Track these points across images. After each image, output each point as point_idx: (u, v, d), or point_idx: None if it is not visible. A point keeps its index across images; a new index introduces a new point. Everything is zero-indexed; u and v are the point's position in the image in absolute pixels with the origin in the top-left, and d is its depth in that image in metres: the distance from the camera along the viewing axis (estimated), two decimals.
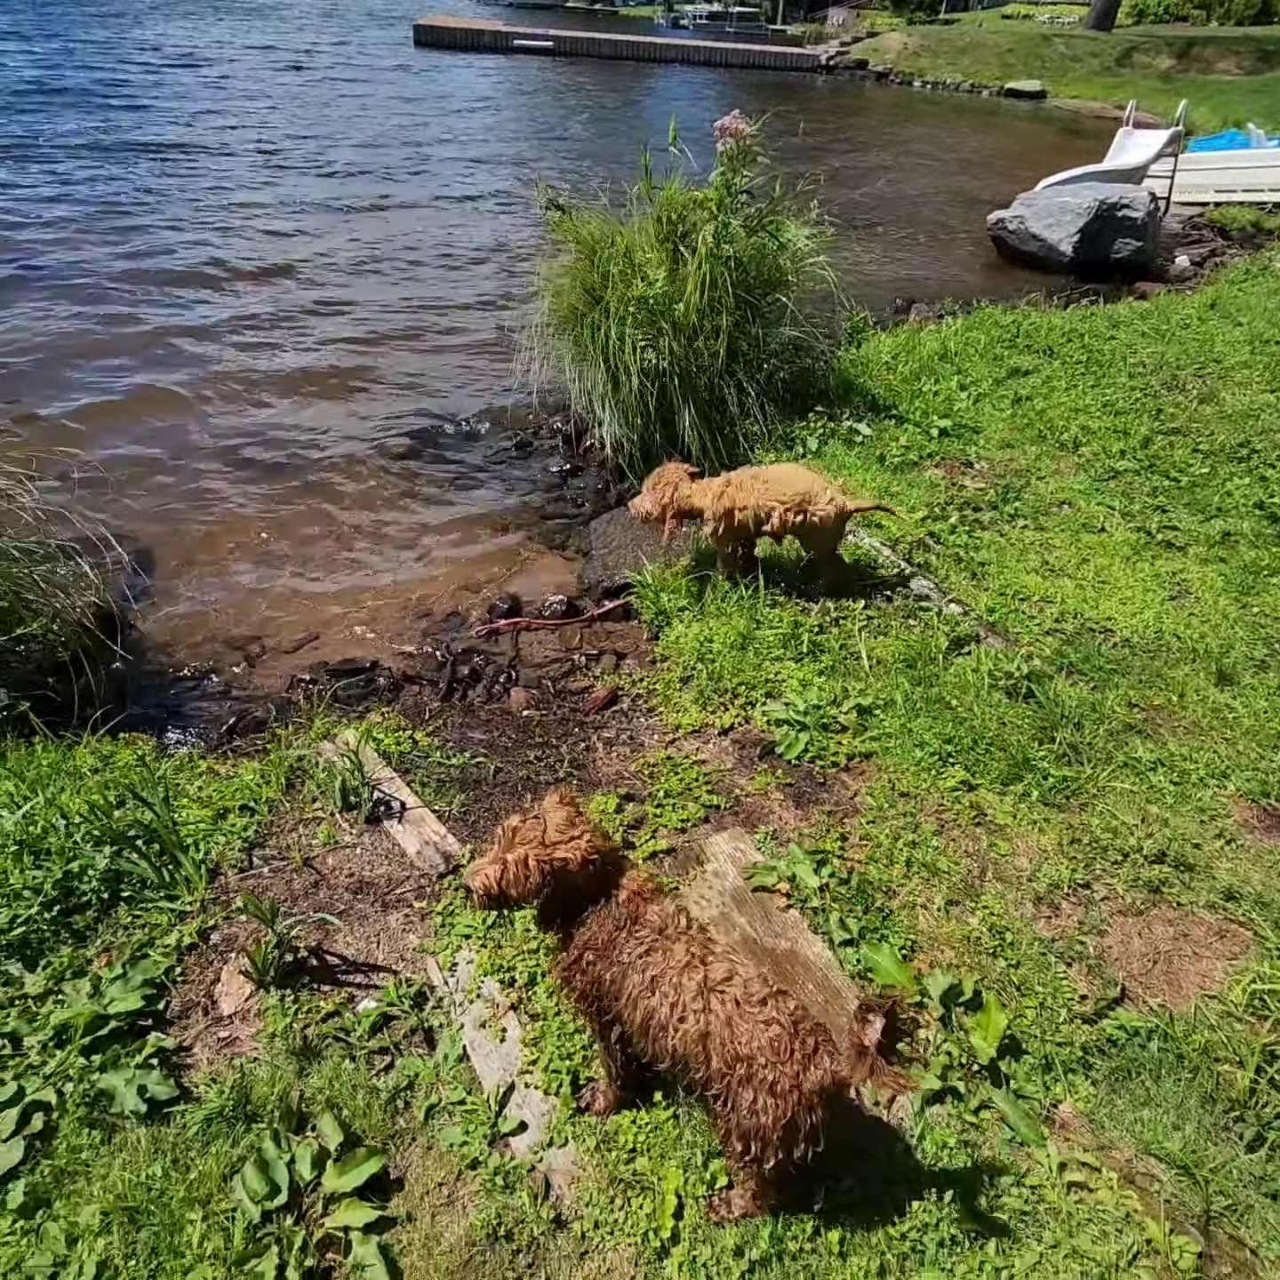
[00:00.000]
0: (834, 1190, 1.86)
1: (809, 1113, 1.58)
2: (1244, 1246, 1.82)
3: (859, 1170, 1.90)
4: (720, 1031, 1.62)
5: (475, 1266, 1.77)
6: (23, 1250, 1.75)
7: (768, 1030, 1.59)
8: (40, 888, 2.39)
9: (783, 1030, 1.59)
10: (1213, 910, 2.56)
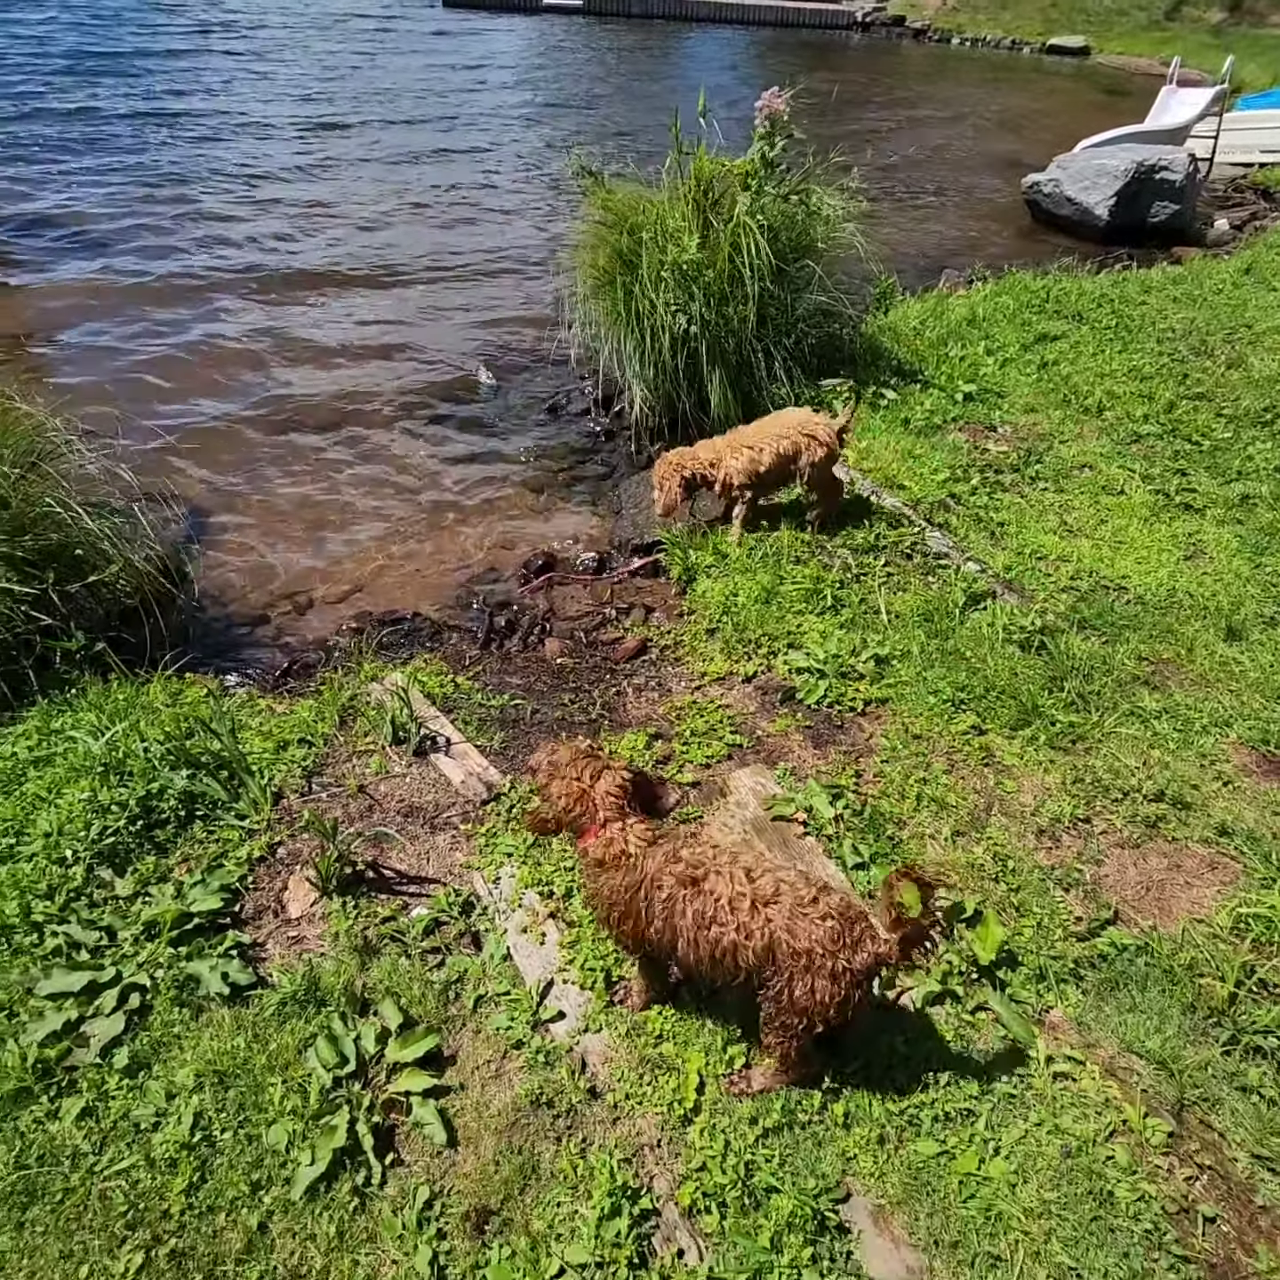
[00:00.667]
0: (841, 1073, 2.07)
1: (856, 989, 1.79)
2: (1212, 1130, 2.01)
3: (865, 1057, 2.11)
4: (783, 937, 1.82)
5: (521, 1127, 2.01)
6: (129, 1103, 2.02)
7: (823, 925, 1.79)
8: (125, 804, 2.64)
9: (835, 922, 1.80)
10: (1206, 845, 2.72)
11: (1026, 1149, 1.95)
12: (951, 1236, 1.82)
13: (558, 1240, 1.82)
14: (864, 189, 5.51)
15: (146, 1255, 1.79)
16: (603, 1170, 1.91)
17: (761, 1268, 1.75)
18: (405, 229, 8.84)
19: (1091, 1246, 1.80)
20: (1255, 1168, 1.95)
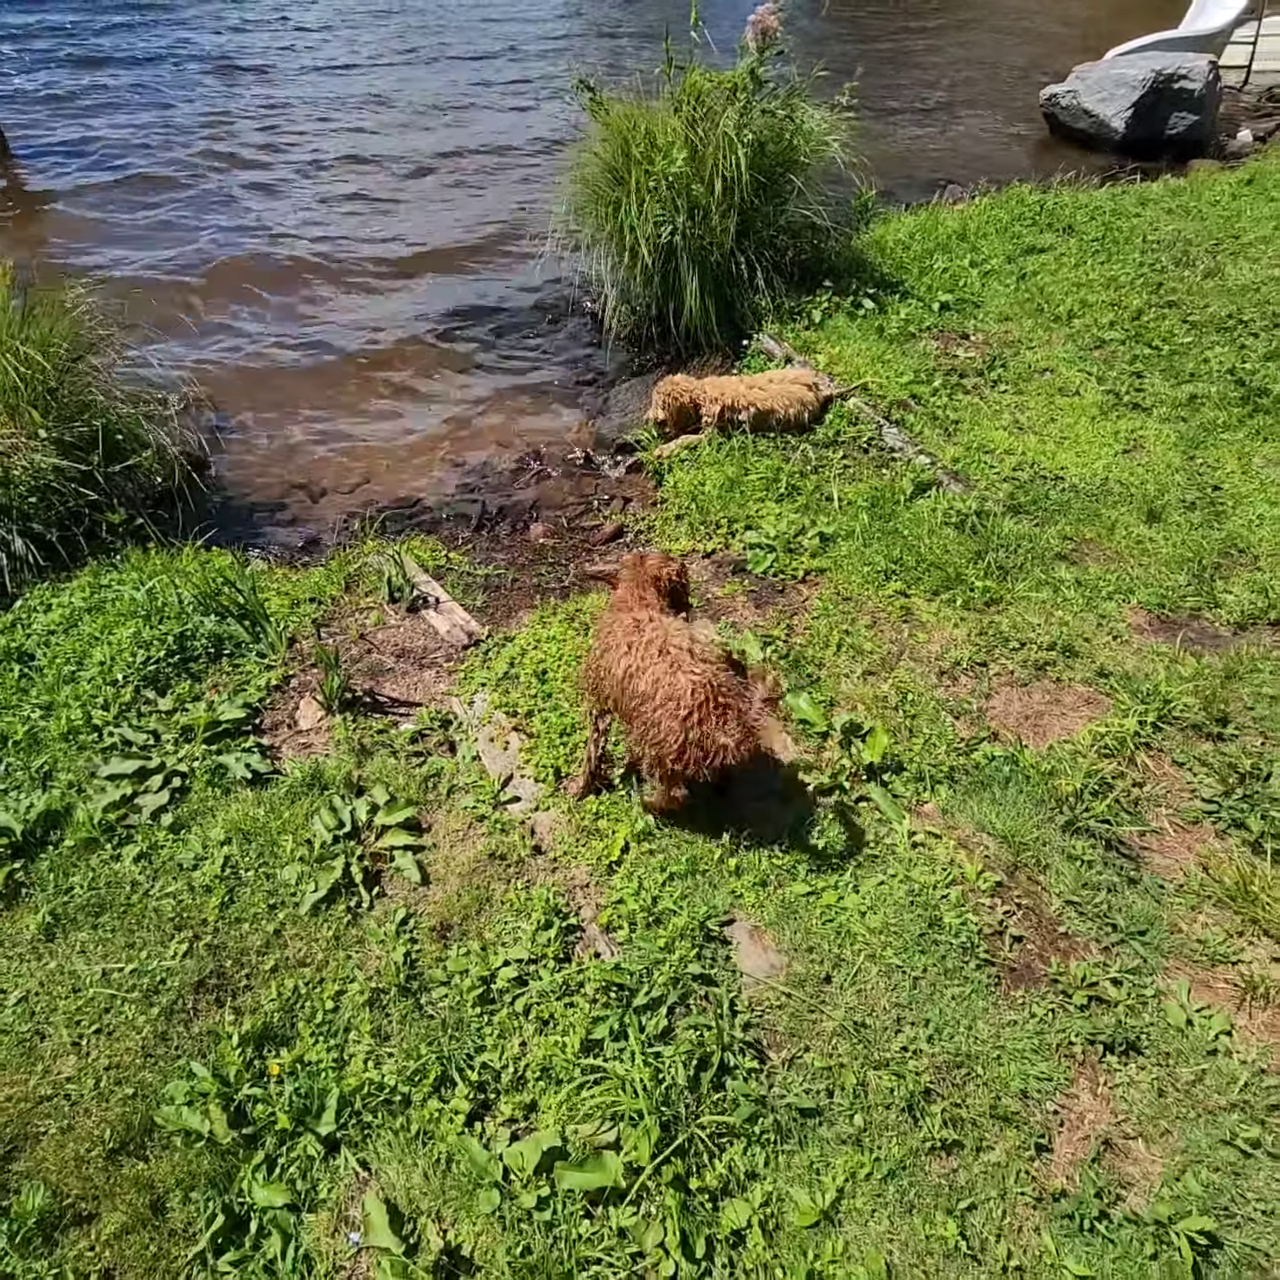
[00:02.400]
0: (738, 836, 2.56)
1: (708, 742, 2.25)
2: (1037, 884, 2.48)
3: (758, 829, 2.59)
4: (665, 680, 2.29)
5: (479, 872, 2.53)
6: (174, 850, 2.57)
7: (691, 676, 2.26)
8: (164, 640, 3.16)
9: (701, 679, 2.25)
10: (1086, 685, 3.14)
11: (879, 891, 2.43)
12: (808, 945, 2.32)
13: (502, 945, 2.35)
14: (883, 100, 5.66)
15: (190, 945, 2.35)
16: (541, 899, 2.42)
17: (657, 961, 2.26)
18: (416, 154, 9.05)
19: (917, 952, 2.29)
20: (1065, 909, 2.42)
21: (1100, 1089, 2.08)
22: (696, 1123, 2.00)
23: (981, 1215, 1.89)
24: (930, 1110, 2.02)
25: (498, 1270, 1.83)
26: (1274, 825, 2.60)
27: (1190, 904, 2.45)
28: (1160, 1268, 1.80)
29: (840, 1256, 1.83)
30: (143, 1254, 1.87)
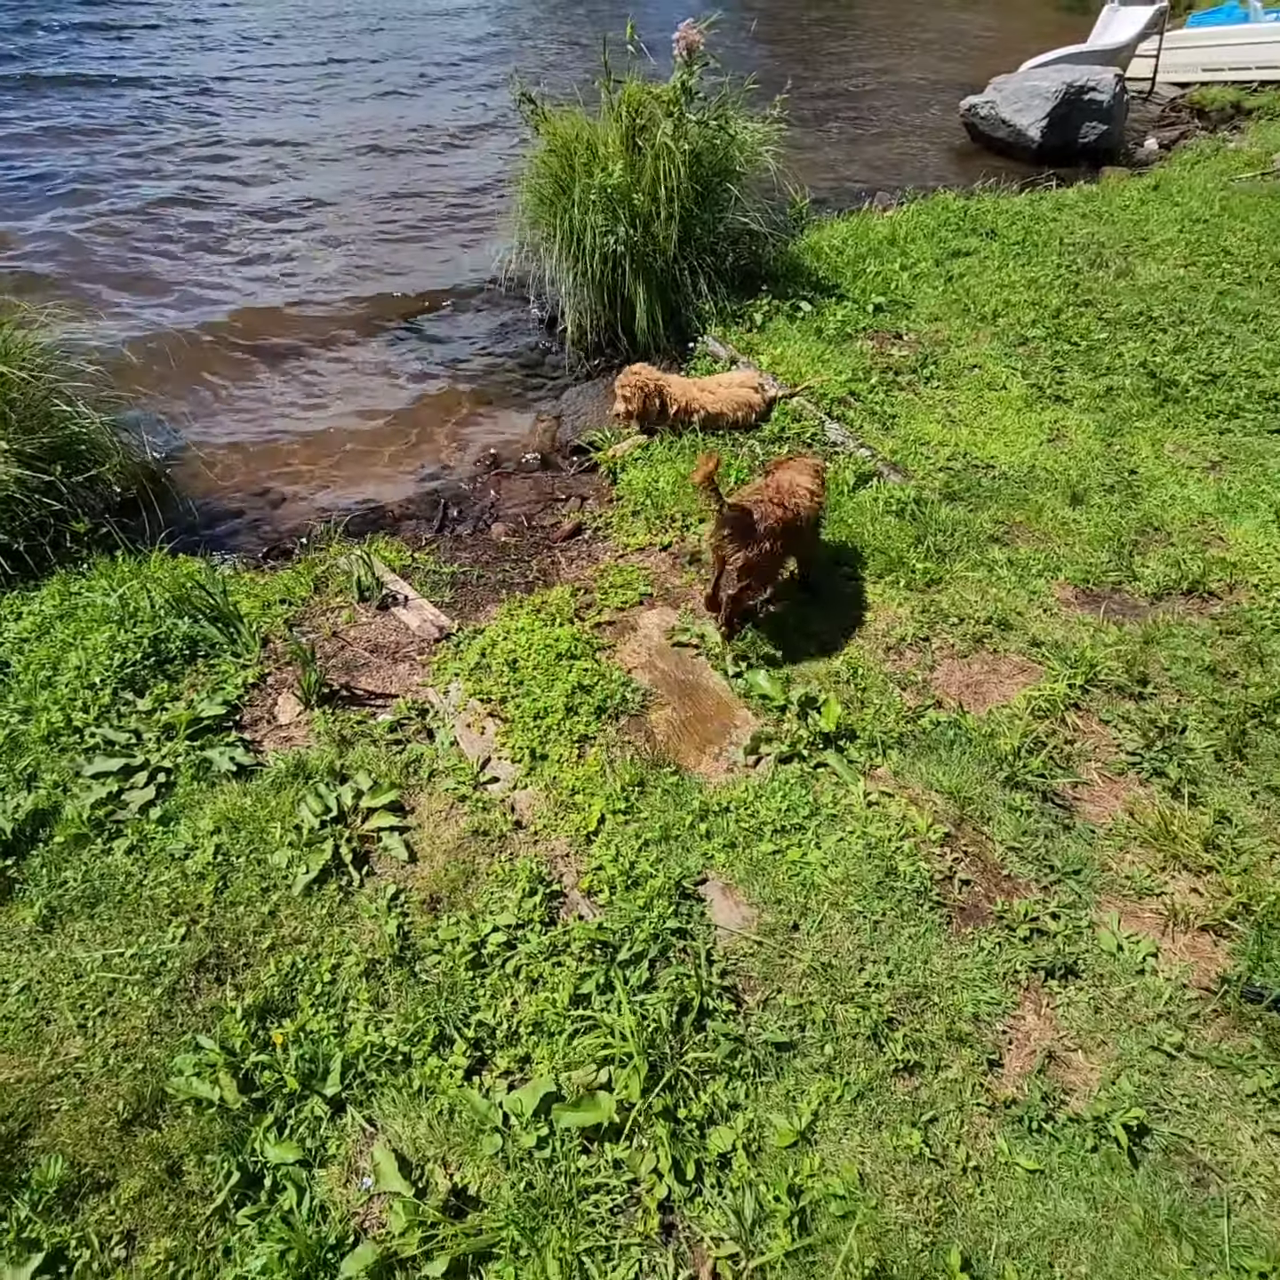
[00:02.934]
0: (706, 807, 2.73)
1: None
2: (981, 834, 2.70)
3: (725, 795, 2.77)
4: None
5: (464, 848, 2.67)
6: (165, 841, 2.65)
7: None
8: (140, 643, 3.23)
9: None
10: (1021, 654, 3.39)
11: (839, 846, 2.63)
12: (777, 897, 2.51)
13: (490, 913, 2.49)
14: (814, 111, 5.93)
15: (188, 929, 2.44)
16: (524, 869, 2.57)
17: (637, 919, 2.43)
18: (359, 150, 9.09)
19: (875, 899, 2.49)
20: (1008, 854, 2.64)
21: (1043, 1010, 2.30)
22: (681, 1061, 2.16)
23: (942, 1125, 2.08)
24: (893, 1037, 2.21)
25: (504, 1204, 1.97)
26: (1190, 772, 2.86)
27: (1118, 845, 2.69)
28: (1100, 1158, 2.01)
29: (818, 1170, 2.01)
30: (163, 1214, 1.97)
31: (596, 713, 3.09)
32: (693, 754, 2.98)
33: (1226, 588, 3.61)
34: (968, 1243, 1.90)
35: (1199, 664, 3.23)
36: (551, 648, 3.32)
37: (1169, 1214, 1.93)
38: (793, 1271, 1.87)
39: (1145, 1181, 1.98)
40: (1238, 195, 7.53)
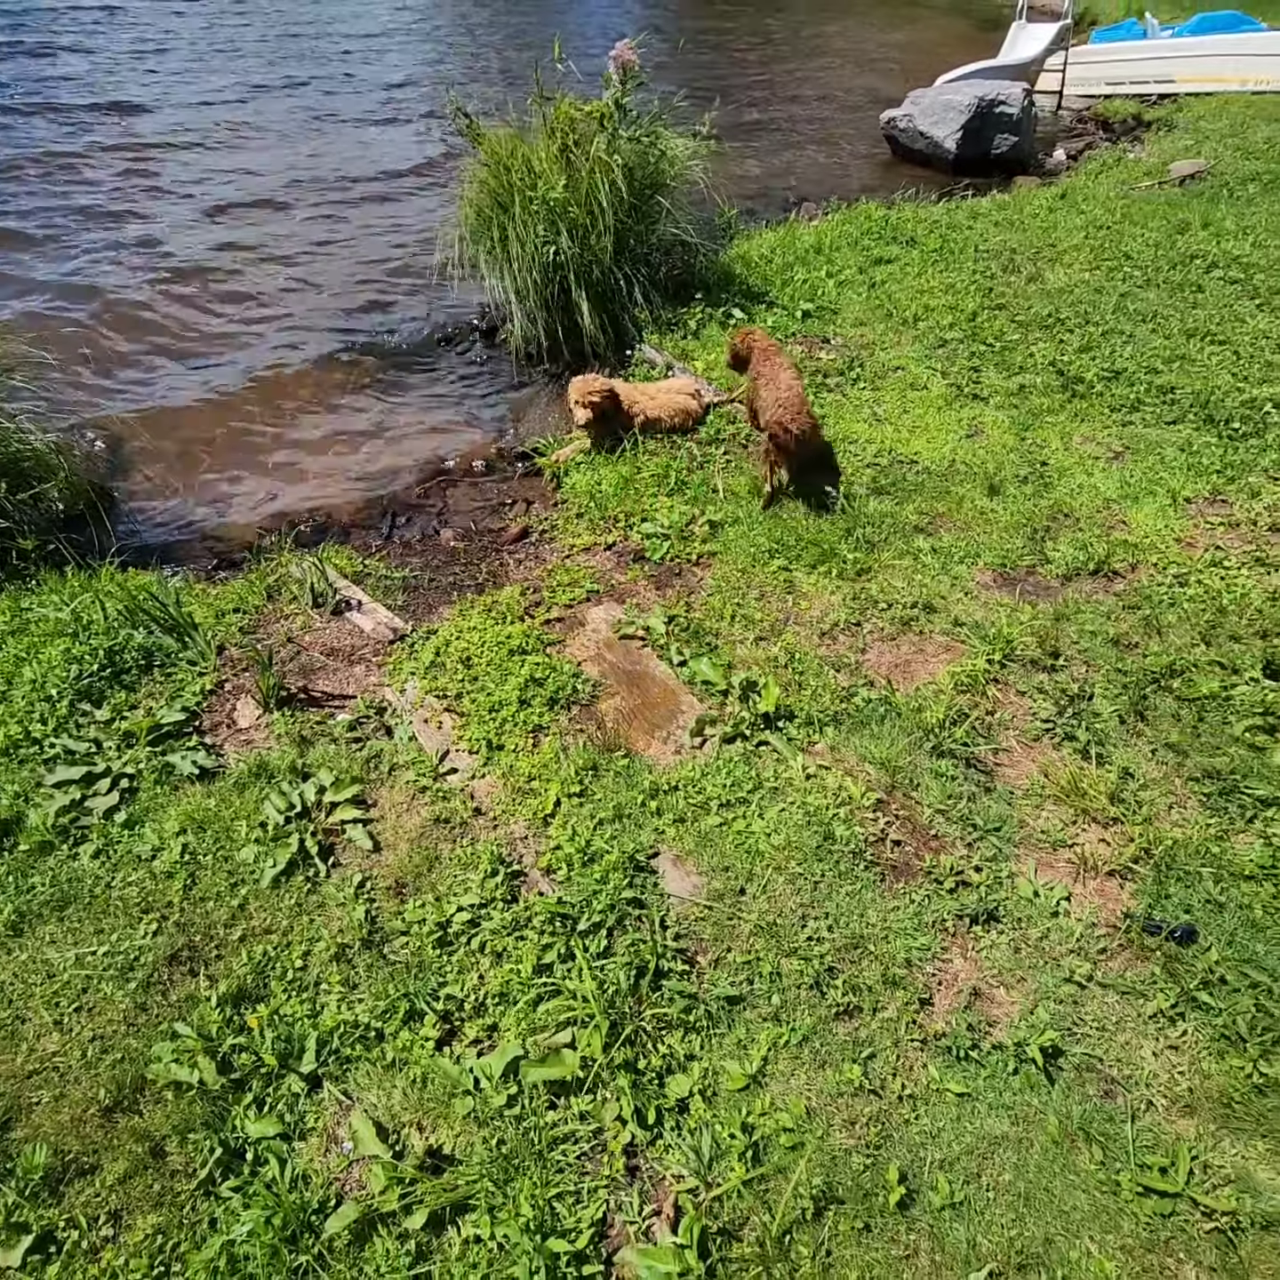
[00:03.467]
0: (656, 785, 2.90)
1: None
2: (911, 799, 2.92)
3: (673, 775, 2.94)
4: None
5: (427, 836, 2.79)
6: (131, 844, 2.72)
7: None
8: (95, 654, 3.28)
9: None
10: (945, 635, 3.62)
11: (781, 816, 2.82)
12: (724, 865, 2.68)
13: (454, 895, 2.61)
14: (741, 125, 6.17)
15: (159, 925, 2.52)
16: (486, 852, 2.70)
17: (595, 892, 2.58)
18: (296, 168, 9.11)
19: (815, 861, 2.68)
20: (935, 816, 2.86)
21: (969, 953, 2.51)
22: (640, 1019, 2.32)
23: (880, 1060, 2.27)
24: (834, 984, 2.40)
25: (477, 1159, 2.10)
26: (1097, 735, 3.12)
27: (1034, 803, 2.93)
28: (1020, 1079, 2.22)
29: (769, 1108, 2.18)
30: (148, 1192, 2.06)
31: (549, 704, 3.24)
32: (642, 738, 3.14)
33: (1129, 567, 3.90)
34: (904, 1161, 2.09)
35: (1104, 637, 3.51)
36: (503, 644, 3.46)
37: (1081, 1123, 2.14)
38: (748, 1198, 2.03)
39: (1060, 1096, 2.19)
40: (1137, 203, 8.00)
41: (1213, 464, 4.47)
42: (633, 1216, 2.02)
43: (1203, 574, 3.79)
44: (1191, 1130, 2.14)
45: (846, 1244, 1.97)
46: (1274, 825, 2.78)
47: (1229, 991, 2.37)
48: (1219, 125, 10.43)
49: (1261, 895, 2.59)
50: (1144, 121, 12.42)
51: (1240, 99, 11.82)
